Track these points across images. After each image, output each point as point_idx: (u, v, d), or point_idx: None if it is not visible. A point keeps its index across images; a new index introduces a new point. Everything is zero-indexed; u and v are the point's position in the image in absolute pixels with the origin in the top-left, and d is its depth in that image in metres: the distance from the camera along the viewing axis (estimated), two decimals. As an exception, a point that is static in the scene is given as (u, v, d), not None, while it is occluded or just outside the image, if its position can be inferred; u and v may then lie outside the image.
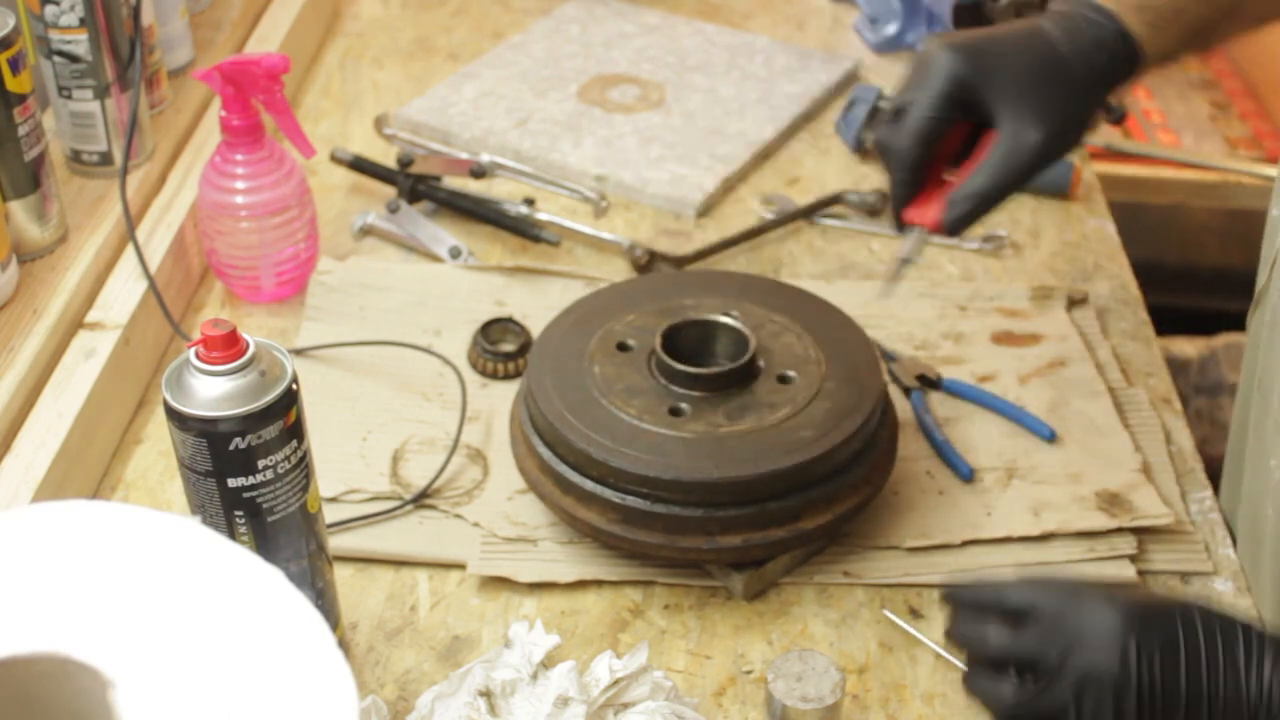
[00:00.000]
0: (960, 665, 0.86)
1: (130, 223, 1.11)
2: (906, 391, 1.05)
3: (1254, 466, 1.00)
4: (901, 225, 0.91)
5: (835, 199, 1.27)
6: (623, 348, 0.96)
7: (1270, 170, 1.60)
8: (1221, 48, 0.98)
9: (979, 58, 0.87)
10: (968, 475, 0.98)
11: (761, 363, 0.94)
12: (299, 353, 1.08)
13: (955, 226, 0.88)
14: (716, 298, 1.00)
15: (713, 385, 0.92)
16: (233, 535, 0.77)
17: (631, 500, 0.88)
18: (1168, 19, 0.90)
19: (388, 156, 1.29)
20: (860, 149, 1.34)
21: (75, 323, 1.04)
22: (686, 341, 0.95)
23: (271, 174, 1.09)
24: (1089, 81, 0.89)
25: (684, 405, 0.92)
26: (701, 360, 0.95)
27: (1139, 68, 0.91)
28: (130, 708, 0.52)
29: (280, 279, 1.14)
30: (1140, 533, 0.94)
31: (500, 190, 1.28)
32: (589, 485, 0.89)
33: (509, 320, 1.10)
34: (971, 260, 1.21)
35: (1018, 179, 0.87)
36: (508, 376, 1.07)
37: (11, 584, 0.56)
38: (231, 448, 0.74)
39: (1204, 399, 1.63)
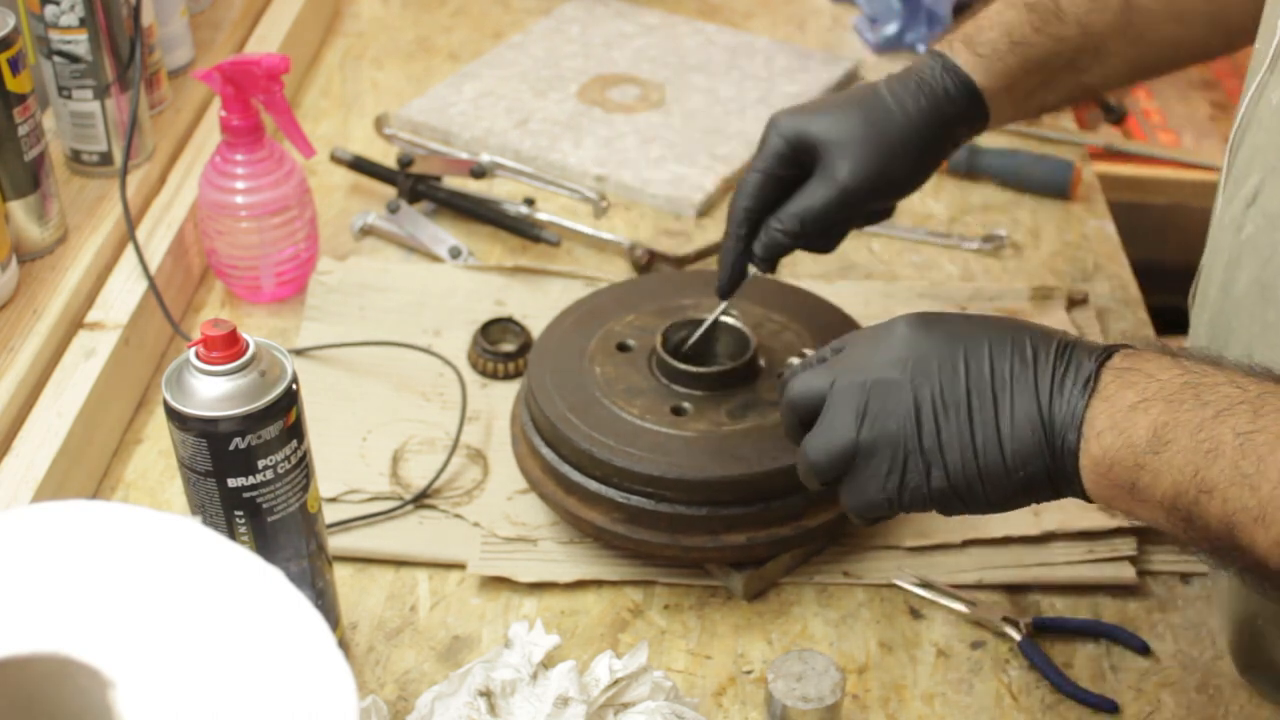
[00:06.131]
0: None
1: (130, 223, 1.11)
2: (906, 391, 1.05)
3: None
4: (728, 287, 0.95)
5: (835, 199, 1.26)
6: (623, 348, 0.96)
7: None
8: (1095, 95, 1.02)
9: (807, 116, 0.93)
10: (968, 475, 0.98)
11: (762, 361, 0.95)
12: (299, 353, 1.08)
13: (765, 252, 0.92)
14: (715, 298, 1.00)
15: (714, 384, 0.93)
16: (233, 535, 0.77)
17: (636, 500, 0.88)
18: (1003, 50, 0.94)
19: (388, 156, 1.29)
20: (860, 149, 1.34)
21: (75, 323, 1.04)
22: (685, 340, 0.96)
23: (271, 174, 1.09)
24: (914, 123, 0.93)
25: (686, 404, 0.92)
26: (702, 359, 0.95)
27: (981, 104, 0.94)
28: (130, 708, 0.52)
29: (280, 279, 1.14)
30: (1140, 533, 0.94)
31: (500, 190, 1.28)
32: (592, 485, 0.89)
33: (509, 320, 1.10)
34: (971, 260, 1.21)
35: (827, 210, 0.91)
36: (508, 376, 1.07)
37: (11, 584, 0.56)
38: (231, 448, 0.74)
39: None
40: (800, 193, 0.92)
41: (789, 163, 0.92)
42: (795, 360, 0.93)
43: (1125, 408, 0.66)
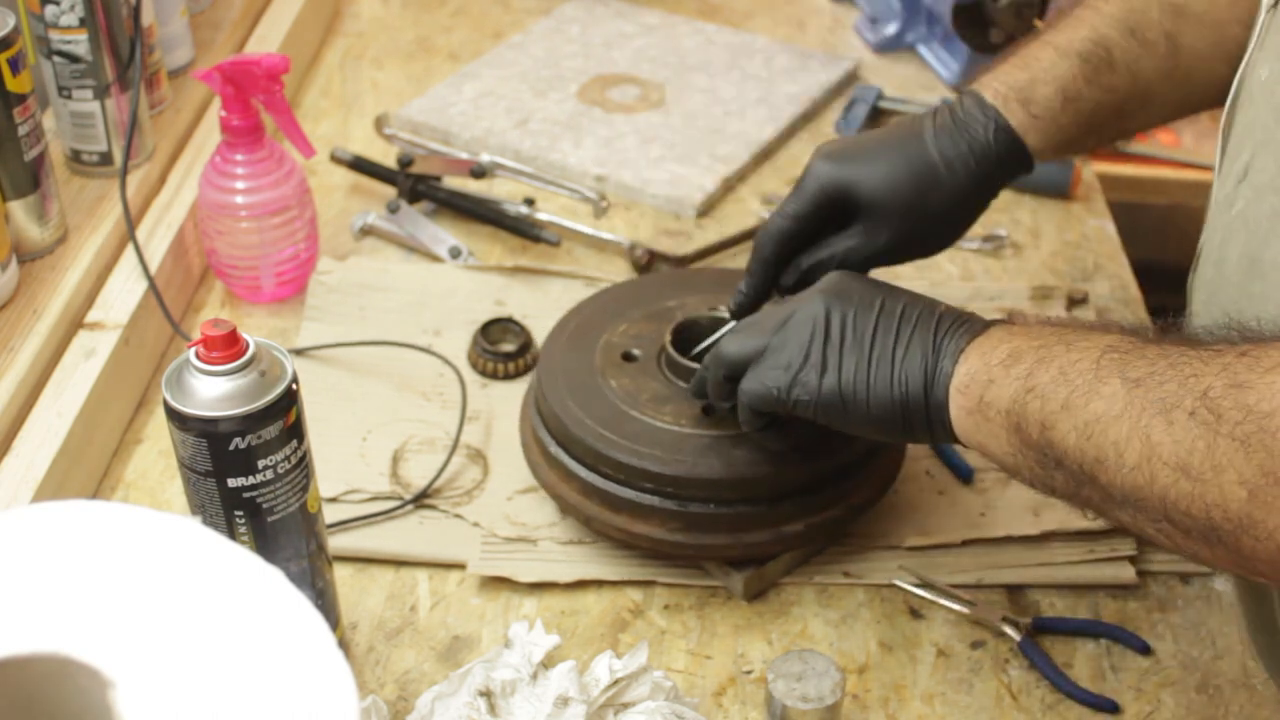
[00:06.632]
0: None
1: (130, 223, 1.11)
2: (907, 391, 1.05)
3: None
4: (746, 311, 0.94)
5: (835, 199, 1.26)
6: (629, 358, 0.96)
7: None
8: (1133, 136, 1.00)
9: (849, 163, 0.92)
10: (967, 475, 0.98)
11: None
12: (299, 353, 1.08)
13: (796, 289, 0.91)
14: (696, 295, 1.00)
15: None
16: (233, 535, 0.77)
17: (694, 507, 0.88)
18: (1057, 110, 0.92)
19: (388, 156, 1.29)
20: (860, 149, 1.34)
21: (75, 323, 1.04)
22: (692, 341, 0.95)
23: (271, 174, 1.09)
24: (962, 189, 0.92)
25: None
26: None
27: (1028, 162, 0.93)
28: (130, 708, 0.52)
29: (280, 279, 1.14)
30: (1140, 533, 0.94)
31: (500, 190, 1.28)
32: (646, 499, 0.89)
33: (509, 320, 1.10)
34: (971, 260, 1.21)
35: (863, 267, 0.92)
36: (508, 376, 1.07)
37: (11, 584, 0.56)
38: (231, 448, 0.74)
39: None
40: (839, 241, 0.92)
41: (825, 212, 0.92)
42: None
43: (995, 342, 0.76)
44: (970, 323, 0.79)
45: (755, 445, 0.89)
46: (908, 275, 1.19)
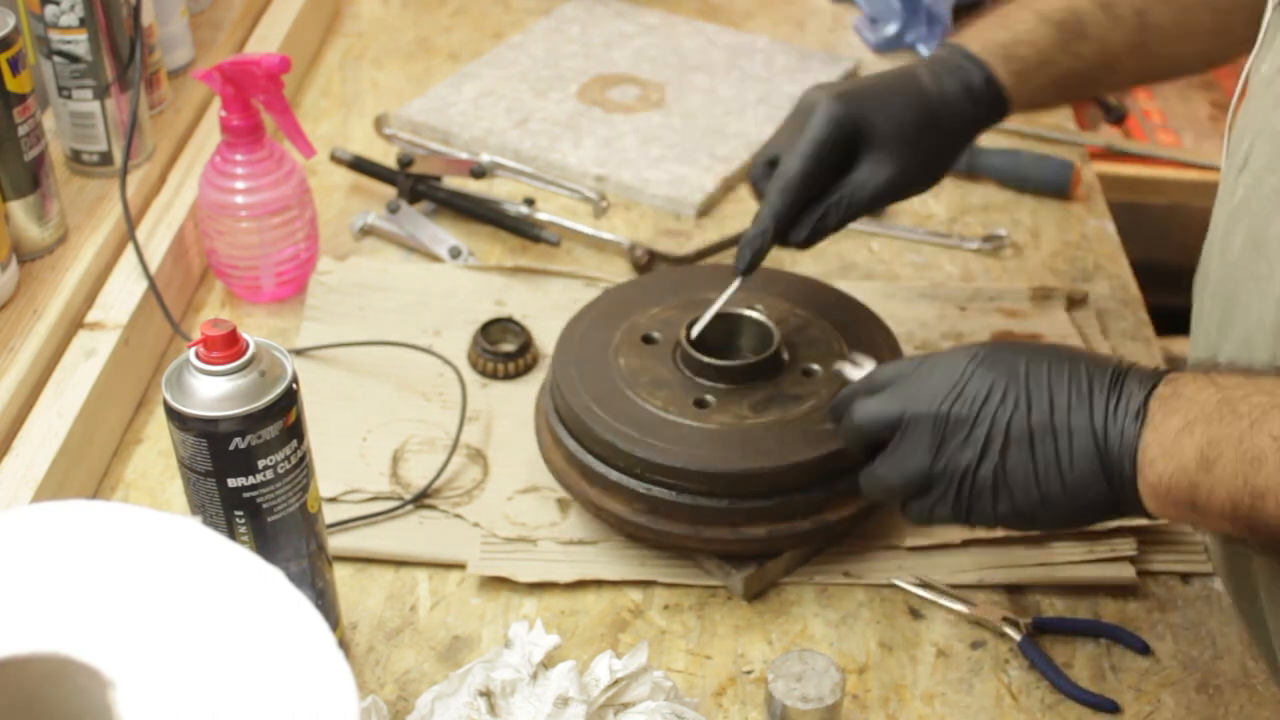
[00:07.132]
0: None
1: (130, 223, 1.11)
2: (907, 391, 1.05)
3: None
4: (747, 270, 0.96)
5: (835, 199, 1.26)
6: (648, 340, 0.96)
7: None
8: (1098, 98, 1.07)
9: (859, 101, 0.94)
10: (968, 475, 0.98)
11: (786, 356, 0.95)
12: (299, 353, 1.08)
13: (814, 236, 0.95)
14: (741, 291, 1.00)
15: (738, 378, 0.93)
16: (233, 535, 0.77)
17: (657, 491, 0.88)
18: (1033, 69, 0.98)
19: (388, 156, 1.29)
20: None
21: (75, 323, 1.04)
22: (712, 334, 0.96)
23: (271, 174, 1.09)
24: (953, 126, 0.97)
25: (709, 397, 0.92)
26: (727, 353, 0.95)
27: (1004, 113, 0.99)
28: (130, 708, 0.52)
29: (280, 279, 1.14)
30: (1140, 533, 0.94)
31: (500, 190, 1.28)
32: (614, 475, 0.89)
33: (509, 320, 1.10)
34: (971, 260, 1.21)
35: (875, 203, 0.95)
36: (508, 376, 1.07)
37: (11, 584, 0.56)
38: (231, 448, 0.74)
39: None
40: (852, 181, 0.94)
41: (837, 149, 0.94)
42: (845, 367, 0.91)
43: (1173, 434, 0.71)
44: (1124, 399, 0.73)
45: (731, 443, 0.90)
46: (908, 277, 1.19)
